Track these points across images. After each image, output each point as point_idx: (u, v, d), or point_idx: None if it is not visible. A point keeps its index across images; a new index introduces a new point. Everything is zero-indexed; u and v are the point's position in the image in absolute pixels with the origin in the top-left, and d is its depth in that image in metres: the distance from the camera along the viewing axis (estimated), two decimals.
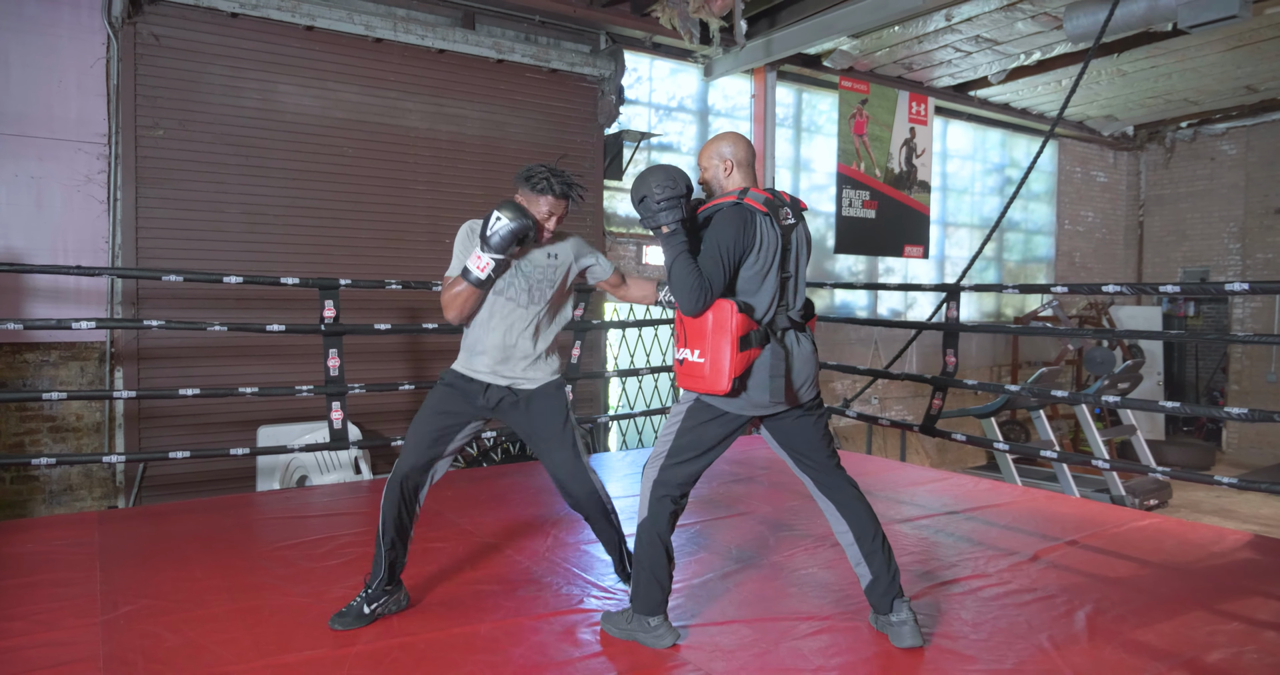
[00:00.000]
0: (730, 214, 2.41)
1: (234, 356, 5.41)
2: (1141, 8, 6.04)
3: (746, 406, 2.46)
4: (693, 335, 2.43)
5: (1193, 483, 5.55)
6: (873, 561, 2.52)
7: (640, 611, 2.51)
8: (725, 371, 2.35)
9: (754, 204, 2.42)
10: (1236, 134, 10.94)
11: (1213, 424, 11.30)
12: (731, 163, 2.55)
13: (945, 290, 4.91)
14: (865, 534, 2.53)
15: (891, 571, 2.52)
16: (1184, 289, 3.87)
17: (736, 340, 2.35)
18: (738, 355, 2.35)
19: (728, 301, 2.37)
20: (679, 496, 2.52)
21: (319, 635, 2.57)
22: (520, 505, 4.16)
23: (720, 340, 2.36)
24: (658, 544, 2.49)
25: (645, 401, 7.56)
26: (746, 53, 7.18)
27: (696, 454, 2.49)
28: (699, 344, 2.40)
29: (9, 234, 4.86)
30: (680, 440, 2.50)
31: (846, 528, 2.55)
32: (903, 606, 2.51)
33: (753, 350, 2.40)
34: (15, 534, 3.60)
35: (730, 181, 2.55)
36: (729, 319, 2.35)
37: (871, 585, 2.53)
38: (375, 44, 5.89)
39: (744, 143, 2.58)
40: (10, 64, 4.85)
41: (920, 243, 9.14)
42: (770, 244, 2.43)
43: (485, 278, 2.60)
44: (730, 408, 2.46)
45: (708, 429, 2.49)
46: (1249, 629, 2.71)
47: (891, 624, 2.52)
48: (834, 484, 2.57)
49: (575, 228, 6.78)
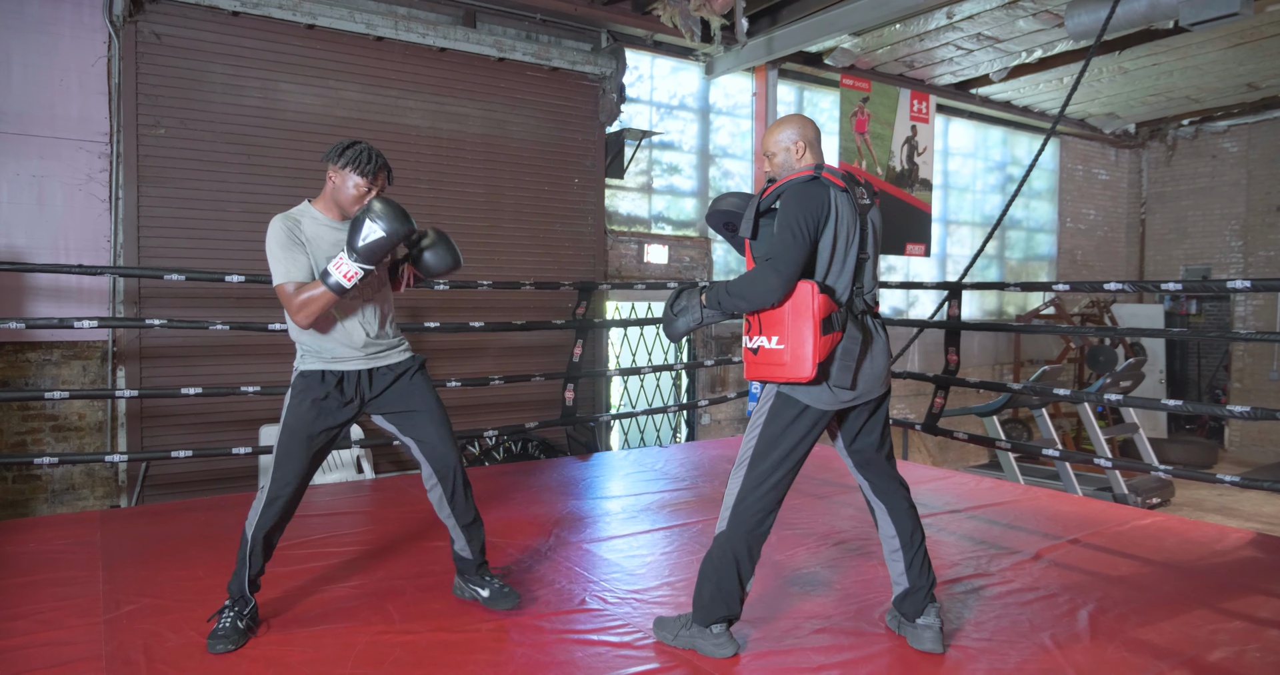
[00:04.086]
0: (804, 188, 2.30)
1: (236, 355, 5.41)
2: (1143, 5, 6.02)
3: (829, 398, 2.33)
4: (769, 320, 2.27)
5: (1195, 481, 5.55)
6: (912, 570, 2.47)
7: (699, 622, 2.43)
8: (808, 357, 2.20)
9: (832, 178, 2.32)
10: (1238, 131, 10.92)
11: (1215, 422, 11.29)
12: (803, 143, 2.46)
13: (947, 288, 4.91)
14: (911, 544, 2.48)
15: (929, 582, 2.47)
16: (1186, 287, 3.86)
17: (819, 323, 2.20)
18: (820, 339, 2.21)
19: (807, 282, 2.23)
20: (769, 509, 2.36)
21: (320, 634, 2.57)
22: (521, 504, 4.16)
23: (801, 323, 2.21)
24: (729, 558, 2.36)
25: (647, 400, 7.56)
26: (748, 51, 7.17)
27: (782, 457, 2.34)
28: (776, 329, 2.25)
29: (11, 233, 4.86)
30: (764, 443, 2.36)
31: (894, 533, 2.50)
32: (932, 611, 2.46)
33: (835, 333, 2.26)
34: (18, 533, 3.61)
35: (803, 164, 2.45)
36: (810, 300, 2.20)
37: (906, 594, 2.49)
38: (376, 42, 5.88)
39: (810, 123, 2.50)
40: (12, 63, 4.85)
41: (922, 241, 9.13)
42: (848, 221, 2.32)
43: (350, 287, 2.42)
44: (813, 401, 2.33)
45: (794, 428, 2.34)
46: (1251, 627, 2.71)
47: (915, 627, 2.47)
48: (889, 489, 2.51)
49: (576, 227, 6.78)
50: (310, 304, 2.45)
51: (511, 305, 6.31)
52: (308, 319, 2.48)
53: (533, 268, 6.52)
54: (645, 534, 3.69)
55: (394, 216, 2.38)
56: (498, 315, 6.14)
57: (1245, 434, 11.00)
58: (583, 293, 5.38)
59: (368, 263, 2.40)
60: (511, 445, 6.34)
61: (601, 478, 4.86)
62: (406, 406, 2.68)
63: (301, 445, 2.57)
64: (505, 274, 6.29)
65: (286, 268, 2.49)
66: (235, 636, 2.45)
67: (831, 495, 4.37)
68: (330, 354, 2.59)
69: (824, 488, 4.52)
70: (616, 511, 4.09)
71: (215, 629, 2.46)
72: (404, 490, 4.46)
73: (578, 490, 4.51)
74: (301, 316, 2.47)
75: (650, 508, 4.14)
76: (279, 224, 2.53)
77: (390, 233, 2.37)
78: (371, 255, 2.39)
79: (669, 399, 7.69)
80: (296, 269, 2.49)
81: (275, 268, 2.50)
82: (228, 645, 2.42)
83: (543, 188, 6.63)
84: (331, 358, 2.59)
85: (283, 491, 2.56)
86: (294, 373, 2.64)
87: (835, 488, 4.49)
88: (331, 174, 2.56)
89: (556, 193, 6.70)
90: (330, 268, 2.41)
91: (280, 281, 2.49)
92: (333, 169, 2.55)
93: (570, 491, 4.47)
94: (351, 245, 2.38)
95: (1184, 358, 11.69)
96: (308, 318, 2.48)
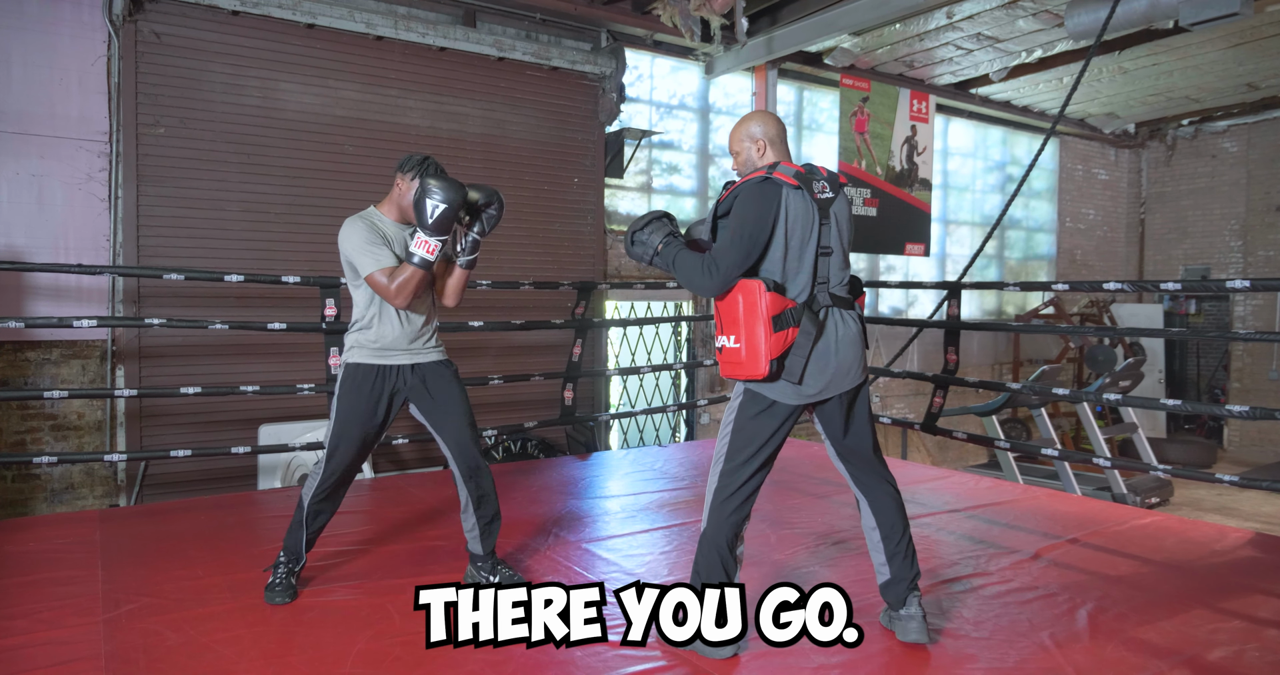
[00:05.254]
0: (753, 189, 2.34)
1: (235, 355, 5.41)
2: (1143, 5, 6.02)
3: (792, 393, 2.37)
4: (727, 321, 2.36)
5: (1194, 481, 5.55)
6: (894, 562, 2.49)
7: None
8: (762, 354, 2.28)
9: (783, 177, 2.34)
10: (1238, 131, 10.93)
11: (1214, 422, 11.29)
12: (764, 141, 2.49)
13: (946, 288, 4.91)
14: (893, 534, 2.50)
15: (912, 574, 2.49)
16: (1185, 286, 3.86)
17: (769, 320, 2.27)
18: (773, 336, 2.28)
19: (755, 281, 2.30)
20: (740, 504, 2.40)
21: (320, 634, 2.57)
22: (520, 504, 4.16)
23: (753, 322, 2.29)
24: (714, 556, 2.39)
25: (646, 399, 7.56)
26: (747, 50, 7.17)
27: (753, 452, 2.39)
28: (733, 329, 2.34)
29: (10, 232, 4.86)
30: (735, 439, 2.41)
31: (875, 525, 2.52)
32: (914, 601, 2.48)
33: (791, 329, 2.32)
34: (17, 532, 3.60)
35: (764, 160, 2.48)
36: (758, 299, 2.28)
37: (888, 583, 2.52)
38: (376, 42, 5.88)
39: (773, 119, 2.52)
40: (11, 62, 4.84)
41: (921, 240, 9.13)
42: (803, 217, 2.35)
43: (434, 259, 2.71)
44: (778, 396, 2.37)
45: (760, 423, 2.39)
46: (1250, 627, 2.71)
47: (899, 618, 2.50)
48: (871, 481, 2.53)
49: (575, 226, 6.78)
50: (406, 285, 2.71)
51: (511, 305, 6.31)
52: (406, 299, 2.74)
53: (532, 267, 6.52)
54: (644, 533, 3.69)
55: (449, 187, 2.65)
56: (497, 315, 6.14)
57: (1244, 434, 11.01)
58: (582, 292, 5.38)
59: (442, 234, 2.68)
60: (511, 445, 6.34)
61: (601, 477, 4.87)
62: (439, 404, 2.91)
63: (355, 432, 2.82)
64: (505, 273, 6.28)
65: (376, 258, 2.74)
66: (289, 590, 2.78)
67: (831, 495, 4.37)
68: (382, 344, 2.84)
69: (824, 487, 4.52)
70: (615, 511, 4.09)
71: (271, 581, 2.80)
72: (404, 490, 4.46)
73: (577, 490, 4.51)
74: (401, 298, 2.73)
75: (649, 507, 4.14)
76: (359, 223, 2.80)
77: (451, 201, 2.64)
78: (443, 226, 2.66)
79: (668, 398, 7.69)
80: (385, 257, 2.75)
81: (363, 261, 2.75)
82: (285, 597, 2.77)
83: (542, 187, 6.63)
84: (382, 349, 2.84)
85: (337, 471, 2.83)
86: (340, 366, 2.90)
87: (835, 487, 4.49)
88: (400, 182, 2.83)
89: (556, 192, 6.70)
90: (412, 248, 2.69)
91: (371, 271, 2.74)
92: (401, 177, 2.83)
93: (569, 491, 4.47)
94: (423, 224, 2.65)
95: (1183, 357, 11.69)
96: (406, 298, 2.73)
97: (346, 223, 2.81)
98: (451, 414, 2.90)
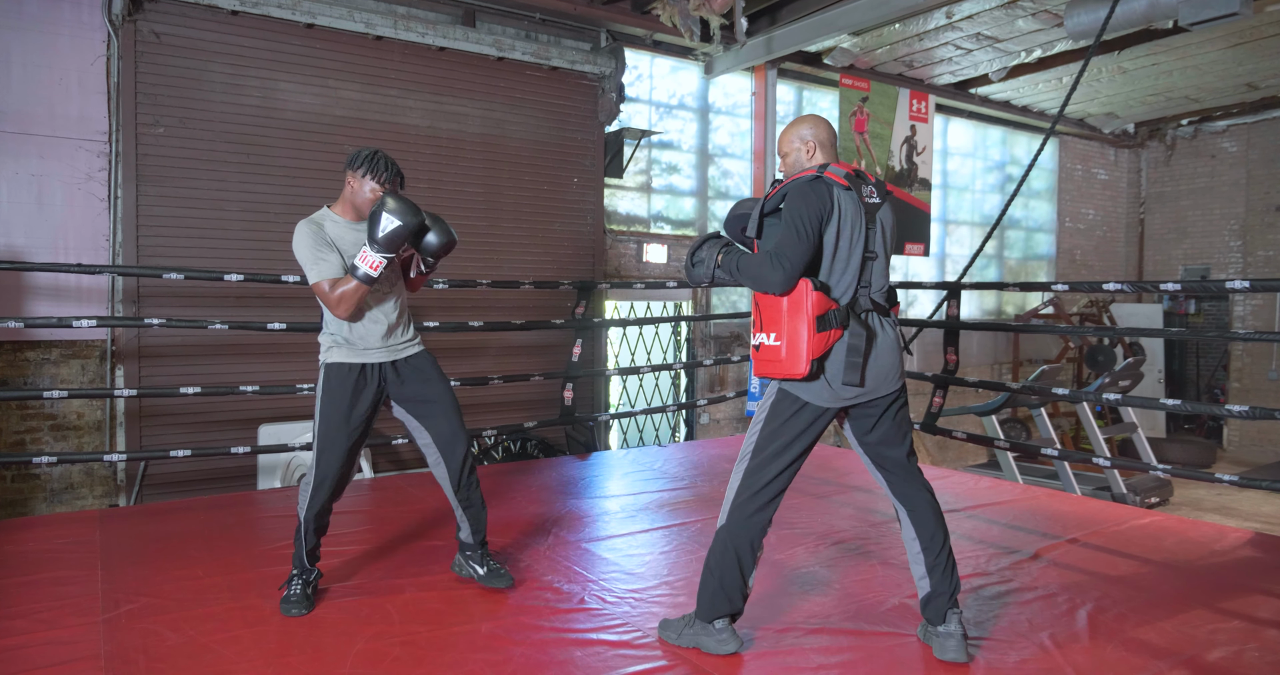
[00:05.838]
0: (805, 187, 2.34)
1: (235, 355, 5.41)
2: (1142, 5, 6.02)
3: (828, 395, 2.36)
4: (768, 318, 2.33)
5: (1194, 480, 5.55)
6: (934, 574, 2.44)
7: (702, 618, 2.43)
8: (803, 353, 2.25)
9: (834, 177, 2.35)
10: (1237, 131, 10.93)
11: (1214, 421, 11.30)
12: (814, 143, 2.50)
13: (946, 288, 4.91)
14: (933, 546, 2.45)
15: (952, 585, 2.44)
16: (1185, 286, 3.86)
17: (814, 319, 2.26)
18: (815, 336, 2.26)
19: (803, 280, 2.28)
20: (764, 504, 2.38)
21: (320, 634, 2.57)
22: (520, 503, 4.16)
23: (796, 320, 2.26)
24: (730, 553, 2.38)
25: (646, 399, 7.56)
26: (747, 50, 7.17)
27: (779, 451, 2.38)
28: (775, 326, 2.31)
29: (10, 232, 4.85)
30: (764, 437, 2.40)
31: (915, 536, 2.48)
32: (954, 618, 2.42)
33: (833, 331, 2.30)
34: (16, 532, 3.60)
35: (813, 162, 2.50)
36: (804, 297, 2.26)
37: (929, 597, 2.46)
38: (376, 42, 5.88)
39: (824, 124, 2.54)
40: (11, 62, 4.84)
41: (921, 240, 9.13)
42: (852, 219, 2.35)
43: (378, 276, 2.67)
44: (813, 398, 2.36)
45: (792, 423, 2.37)
46: (1250, 627, 2.71)
47: (938, 635, 2.44)
48: (909, 490, 2.49)
49: (575, 226, 6.78)
50: (347, 297, 2.68)
51: (511, 304, 6.30)
52: (347, 311, 2.71)
53: (532, 267, 6.51)
54: (644, 533, 3.69)
55: (407, 210, 2.62)
56: (497, 314, 6.14)
57: (1244, 433, 11.01)
58: (582, 292, 5.38)
59: (388, 252, 2.63)
60: (510, 444, 6.34)
61: (600, 477, 4.87)
62: (423, 397, 2.88)
63: (340, 433, 2.78)
64: (504, 273, 6.29)
65: (320, 268, 2.71)
66: (305, 601, 2.75)
67: (831, 495, 4.37)
68: (361, 344, 2.81)
69: (824, 487, 4.52)
70: (615, 511, 4.09)
71: (286, 595, 2.76)
72: (403, 490, 4.46)
73: (576, 489, 4.51)
74: (341, 309, 2.70)
75: (649, 507, 4.14)
76: (306, 228, 2.76)
77: (405, 223, 2.61)
78: (391, 244, 2.62)
79: (668, 398, 7.69)
80: (330, 267, 2.72)
81: (309, 269, 2.72)
82: (301, 608, 2.73)
83: (542, 187, 6.62)
84: (362, 348, 2.81)
85: (327, 476, 2.79)
86: (320, 366, 2.84)
87: (835, 488, 4.49)
88: (350, 179, 2.79)
89: (556, 192, 6.69)
90: (357, 262, 2.65)
91: (316, 280, 2.71)
92: (352, 174, 2.79)
93: (569, 491, 4.47)
94: (372, 238, 2.61)
95: (1183, 357, 11.70)
96: (347, 310, 2.71)
97: (297, 228, 2.77)
98: (438, 404, 2.87)
